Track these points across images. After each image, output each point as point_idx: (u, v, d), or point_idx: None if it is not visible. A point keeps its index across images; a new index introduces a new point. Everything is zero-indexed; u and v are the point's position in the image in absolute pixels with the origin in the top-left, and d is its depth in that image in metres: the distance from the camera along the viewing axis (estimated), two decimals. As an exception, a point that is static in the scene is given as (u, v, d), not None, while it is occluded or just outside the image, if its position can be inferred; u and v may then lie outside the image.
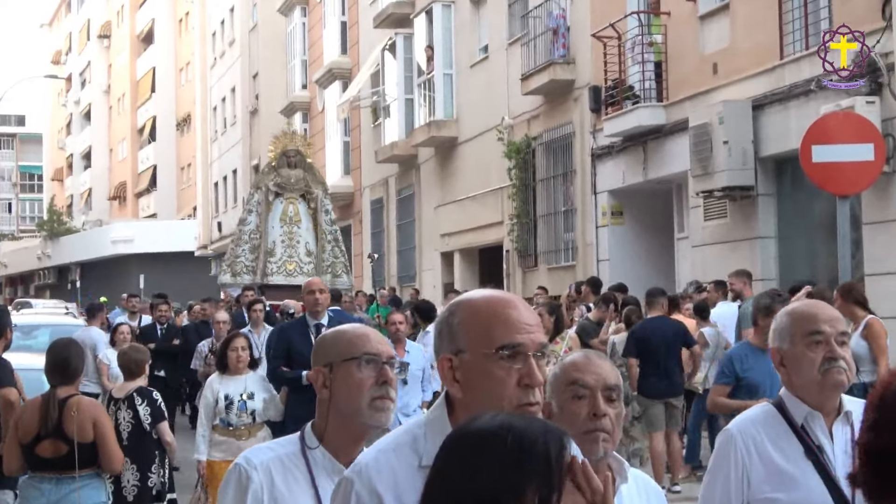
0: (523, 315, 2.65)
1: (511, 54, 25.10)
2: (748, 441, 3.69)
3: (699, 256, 18.42)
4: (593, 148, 21.77)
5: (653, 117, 19.41)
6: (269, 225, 19.41)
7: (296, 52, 41.83)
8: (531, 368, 2.60)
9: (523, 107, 24.43)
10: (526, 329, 2.63)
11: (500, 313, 2.64)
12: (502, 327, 2.61)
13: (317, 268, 19.31)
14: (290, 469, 3.29)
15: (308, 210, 19.74)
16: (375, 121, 33.65)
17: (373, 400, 3.29)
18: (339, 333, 3.42)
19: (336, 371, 3.32)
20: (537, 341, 2.63)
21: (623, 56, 20.16)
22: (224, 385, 9.47)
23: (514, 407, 2.56)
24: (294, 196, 19.53)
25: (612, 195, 21.46)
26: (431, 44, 28.81)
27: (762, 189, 16.94)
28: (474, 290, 2.81)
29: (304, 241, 19.48)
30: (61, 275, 77.43)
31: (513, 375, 2.59)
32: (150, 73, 74.21)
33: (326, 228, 19.79)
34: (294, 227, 19.49)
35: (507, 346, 2.59)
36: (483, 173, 26.49)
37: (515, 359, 2.59)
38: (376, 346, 3.34)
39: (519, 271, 24.92)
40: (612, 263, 21.21)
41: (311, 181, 19.92)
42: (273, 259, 19.30)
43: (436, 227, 29.55)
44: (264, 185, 19.69)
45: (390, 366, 3.33)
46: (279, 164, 19.78)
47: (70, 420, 7.12)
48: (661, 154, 19.54)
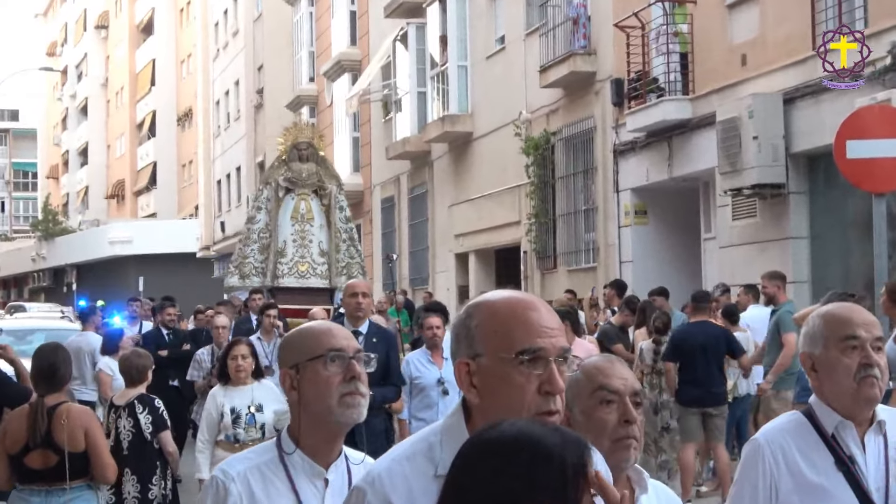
0: (544, 318, 2.65)
1: (529, 45, 25.11)
2: (776, 451, 3.68)
3: (727, 258, 18.41)
4: (615, 144, 21.77)
5: (678, 111, 19.40)
6: (279, 223, 19.03)
7: (303, 42, 41.88)
8: (552, 374, 2.60)
9: (542, 100, 24.43)
10: (547, 332, 2.63)
11: (520, 315, 2.64)
12: (522, 330, 2.62)
13: (331, 269, 19.03)
14: (268, 477, 3.34)
15: (321, 207, 19.22)
16: (386, 115, 33.68)
17: (342, 397, 3.33)
18: (302, 332, 3.47)
19: (302, 371, 3.37)
20: (559, 346, 2.63)
21: (647, 47, 20.16)
22: (229, 397, 9.07)
23: (533, 414, 2.56)
24: (306, 192, 19.07)
25: (636, 193, 21.46)
26: (445, 34, 28.82)
27: (794, 187, 16.93)
28: (493, 291, 2.82)
29: (317, 241, 19.05)
30: (57, 277, 77.61)
31: (532, 381, 2.59)
32: (149, 65, 74.36)
33: (341, 226, 19.33)
34: (306, 225, 19.01)
35: (527, 351, 2.60)
36: (499, 170, 26.50)
37: (535, 364, 2.60)
38: (341, 341, 3.38)
39: (537, 273, 24.92)
40: (635, 265, 21.20)
41: (325, 175, 19.45)
42: (284, 260, 18.88)
43: (450, 227, 29.57)
44: (274, 180, 19.24)
45: (357, 360, 3.37)
46: (290, 158, 19.34)
47: (60, 429, 7.10)
48: (686, 150, 19.53)
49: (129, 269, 61.74)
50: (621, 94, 21.19)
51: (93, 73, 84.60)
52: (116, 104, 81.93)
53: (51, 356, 7.33)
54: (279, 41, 44.81)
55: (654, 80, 20.04)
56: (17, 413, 7.32)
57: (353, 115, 36.09)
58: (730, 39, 18.39)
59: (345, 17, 37.61)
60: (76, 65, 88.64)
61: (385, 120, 33.86)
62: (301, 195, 19.15)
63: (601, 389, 3.25)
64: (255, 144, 47.54)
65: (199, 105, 59.45)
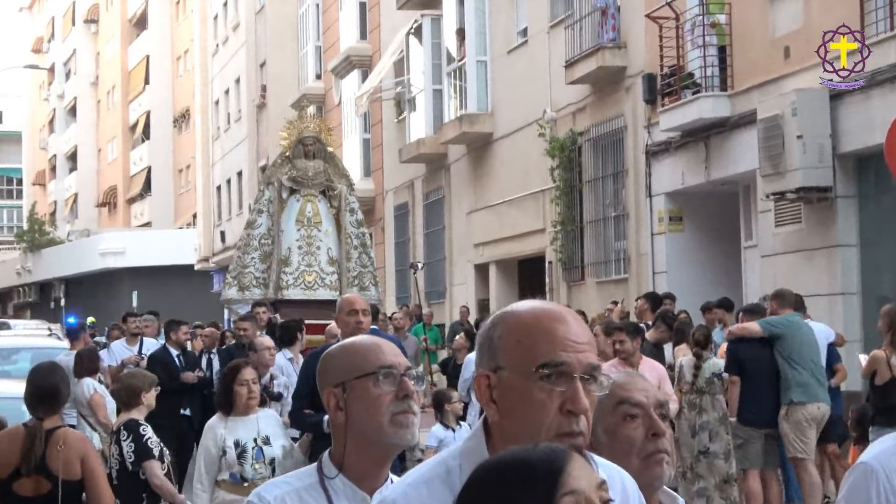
0: (572, 330, 2.65)
1: (553, 38, 25.13)
2: (892, 475, 3.60)
3: (770, 268, 18.38)
4: (648, 144, 21.77)
5: (716, 109, 19.39)
6: (283, 228, 18.39)
7: (308, 37, 41.98)
8: (576, 392, 2.60)
9: (568, 98, 24.45)
10: (573, 346, 2.63)
11: (545, 326, 2.65)
12: (546, 343, 2.63)
13: (341, 279, 18.38)
14: (307, 502, 3.34)
15: (330, 209, 18.55)
16: (399, 115, 33.72)
17: (394, 416, 3.34)
18: (347, 349, 3.48)
19: (350, 390, 3.37)
20: (586, 361, 2.63)
21: (681, 39, 20.16)
22: (231, 429, 8.60)
23: (553, 436, 2.57)
24: (313, 192, 18.41)
25: (670, 198, 21.45)
26: (463, 27, 28.86)
27: (841, 190, 16.90)
28: (522, 301, 2.83)
29: (325, 247, 18.39)
30: (43, 292, 77.84)
31: (554, 399, 2.60)
32: (143, 62, 74.59)
33: (352, 231, 18.68)
34: (313, 229, 18.36)
35: (548, 365, 2.60)
36: (522, 174, 26.51)
37: (558, 380, 2.60)
38: (391, 357, 3.39)
39: (563, 286, 24.91)
40: (669, 276, 21.18)
41: (334, 174, 18.75)
42: (288, 269, 18.22)
43: (468, 235, 29.58)
44: (276, 179, 18.55)
45: (409, 377, 3.38)
46: (294, 155, 18.61)
47: (55, 455, 7.08)
48: (725, 151, 19.52)
49: (122, 283, 61.89)
50: (654, 90, 21.19)
51: (82, 71, 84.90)
52: (107, 104, 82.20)
53: (50, 376, 7.35)
54: (283, 35, 44.92)
55: (689, 74, 20.04)
56: (8, 435, 7.31)
57: (364, 115, 36.15)
58: (771, 30, 18.37)
59: (354, 8, 37.69)
60: (64, 62, 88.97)
61: (398, 120, 33.91)
62: (307, 196, 18.52)
63: (623, 404, 3.27)
64: (257, 147, 47.64)
65: (196, 105, 59.59)
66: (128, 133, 78.61)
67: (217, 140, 54.51)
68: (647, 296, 17.67)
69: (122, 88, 78.76)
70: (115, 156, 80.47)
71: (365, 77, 35.21)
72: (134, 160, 77.29)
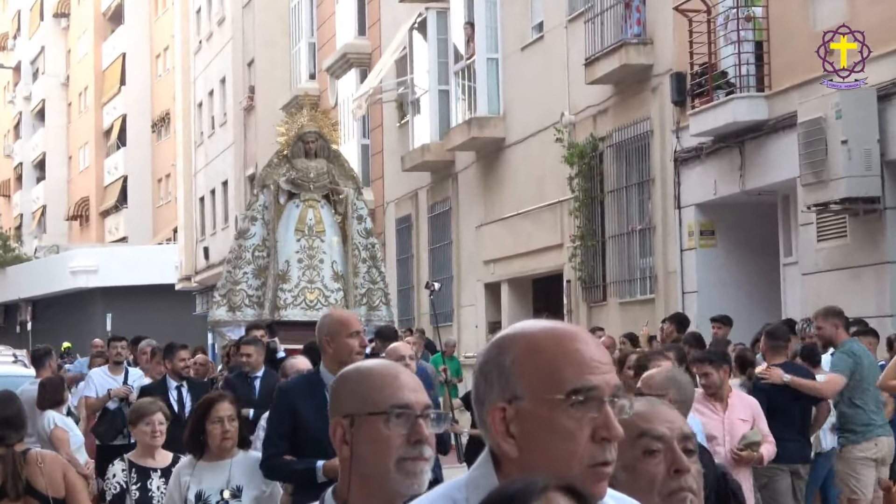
0: (594, 351, 2.68)
1: (572, 33, 25.17)
2: None
3: (812, 286, 18.38)
4: (676, 150, 21.80)
5: (752, 111, 19.41)
6: (280, 238, 17.69)
7: (301, 33, 42.05)
8: (608, 417, 2.63)
9: (588, 99, 24.48)
10: (599, 368, 2.66)
11: (567, 349, 2.67)
12: (572, 367, 2.64)
13: (347, 297, 17.77)
14: None
15: (334, 216, 17.87)
16: (402, 119, 33.77)
17: (402, 461, 3.33)
18: (363, 375, 3.46)
19: (358, 425, 3.36)
20: (613, 383, 2.67)
21: (713, 34, 20.18)
22: (198, 476, 7.97)
23: (586, 467, 2.59)
24: (315, 196, 17.74)
25: (701, 210, 21.46)
26: (472, 21, 28.91)
27: (891, 201, 16.91)
28: (527, 321, 2.83)
29: (329, 260, 17.72)
30: (8, 314, 77.84)
31: (586, 427, 2.63)
32: (118, 60, 74.72)
33: (360, 241, 18.08)
34: (315, 239, 17.66)
35: (580, 391, 2.62)
36: (537, 184, 26.54)
37: (589, 406, 2.63)
38: (408, 394, 3.36)
39: (583, 307, 24.92)
40: (700, 296, 21.18)
41: (339, 175, 18.06)
42: (287, 286, 17.51)
43: (478, 251, 29.60)
44: (273, 181, 17.81)
45: (425, 418, 3.35)
46: (293, 153, 17.93)
47: (37, 474, 7.46)
48: (762, 157, 19.54)
49: (95, 305, 61.91)
50: (683, 90, 21.21)
51: (51, 70, 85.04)
52: (79, 107, 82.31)
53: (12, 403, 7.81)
54: (273, 31, 45.00)
55: (722, 73, 20.06)
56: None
57: (363, 119, 36.18)
58: (813, 24, 18.39)
59: (351, 1, 37.77)
60: (31, 60, 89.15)
61: (400, 124, 33.95)
62: (308, 201, 17.81)
63: (644, 437, 3.28)
64: (244, 154, 47.69)
65: (177, 108, 59.69)
66: (101, 139, 78.71)
67: (200, 146, 54.57)
68: (674, 318, 17.64)
69: (96, 89, 78.86)
70: (88, 164, 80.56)
71: (364, 77, 35.26)
72: (108, 169, 77.37)
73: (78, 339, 42.02)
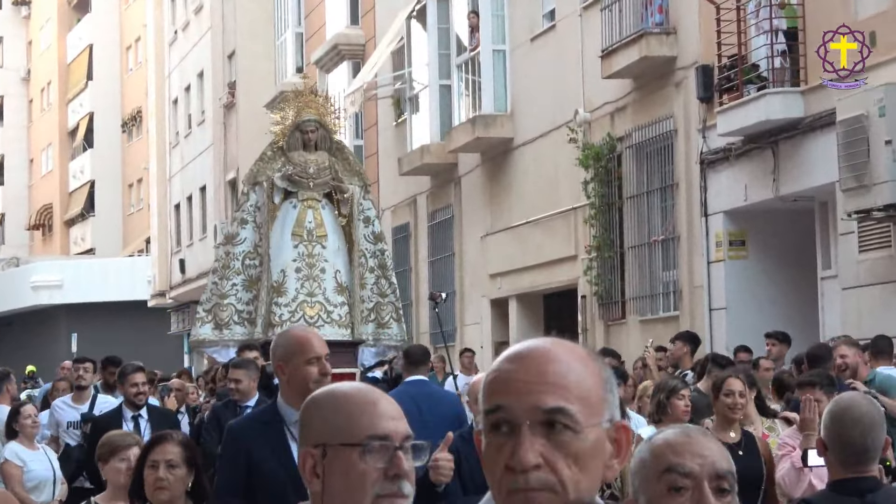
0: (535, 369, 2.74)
1: (587, 22, 25.20)
2: None
3: (852, 302, 18.39)
4: (703, 152, 21.81)
5: (786, 108, 19.43)
6: (274, 243, 16.96)
7: (288, 21, 42.09)
8: (519, 444, 2.71)
9: (605, 95, 24.51)
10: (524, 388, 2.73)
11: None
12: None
13: (353, 312, 17.04)
14: None
15: (337, 218, 17.13)
16: (399, 117, 33.81)
17: (377, 499, 3.31)
18: (338, 400, 3.43)
19: (331, 456, 3.34)
20: (536, 405, 2.74)
21: (744, 23, 20.21)
22: None
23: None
24: (315, 195, 16.95)
25: (730, 218, 21.47)
26: (476, 8, 28.96)
27: (940, 207, 16.94)
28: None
29: (331, 270, 16.93)
30: (-37, 334, 77.90)
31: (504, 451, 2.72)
32: (84, 53, 74.76)
33: (367, 248, 17.36)
34: (315, 245, 16.86)
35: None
36: (549, 189, 26.56)
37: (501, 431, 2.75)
38: (387, 423, 3.34)
39: (600, 325, 24.92)
40: (729, 313, 21.19)
41: (343, 171, 17.31)
42: (283, 300, 16.76)
43: (483, 264, 29.61)
44: (266, 177, 17.03)
45: (405, 451, 3.33)
46: (290, 145, 17.16)
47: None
48: (797, 159, 19.56)
49: (59, 323, 61.86)
50: (710, 85, 21.23)
51: (10, 63, 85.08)
52: (41, 105, 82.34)
53: None
54: (256, 20, 45.03)
55: (753, 66, 20.08)
56: None
57: (355, 117, 36.22)
58: (854, 12, 18.41)
59: (343, -13, 37.85)
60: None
61: (397, 123, 33.98)
62: (307, 201, 17.03)
63: (671, 472, 3.26)
64: (224, 156, 47.72)
65: (150, 105, 59.73)
66: (66, 139, 78.71)
67: (175, 147, 54.60)
68: (684, 337, 17.57)
69: (60, 85, 78.89)
70: (51, 167, 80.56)
71: (357, 71, 35.30)
72: (73, 173, 77.36)
73: (40, 362, 41.99)
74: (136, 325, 56.59)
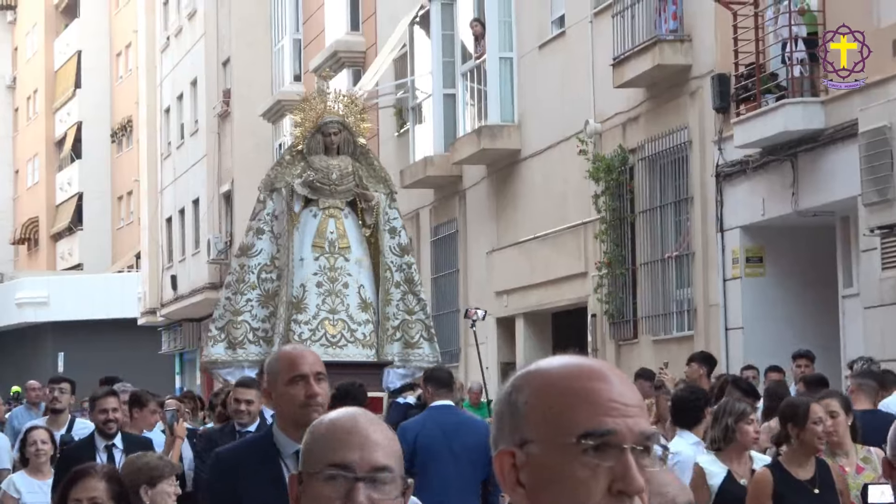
0: (617, 391, 2.70)
1: (598, 29, 25.23)
2: None
3: (875, 321, 18.39)
4: (719, 164, 21.82)
5: (806, 119, 19.43)
6: (294, 255, 16.53)
7: (285, 27, 42.12)
8: (627, 467, 2.66)
9: (616, 105, 24.53)
10: (619, 410, 2.68)
11: (583, 387, 2.69)
12: (586, 407, 2.67)
13: (378, 331, 16.65)
14: None
15: (361, 228, 16.78)
16: (401, 127, 33.83)
17: None
18: (316, 427, 3.48)
19: (305, 485, 3.39)
20: (637, 429, 2.68)
21: (761, 30, 20.23)
22: None
23: None
24: (337, 204, 16.58)
25: (748, 233, 21.48)
26: (482, 16, 28.97)
27: (967, 223, 16.96)
28: (549, 358, 2.85)
29: (355, 284, 16.53)
30: (-56, 353, 77.90)
31: (602, 478, 2.65)
32: (73, 59, 74.78)
33: (392, 261, 16.94)
34: (338, 258, 16.46)
35: (592, 434, 2.65)
36: (558, 202, 26.57)
37: (605, 453, 2.66)
38: (352, 452, 3.34)
39: (611, 345, 24.92)
40: (746, 333, 21.18)
41: (368, 177, 16.90)
42: (302, 317, 16.32)
43: (489, 281, 29.61)
44: (285, 184, 16.62)
45: (368, 483, 3.32)
46: (311, 149, 16.77)
47: None
48: (818, 173, 19.57)
49: (45, 342, 61.86)
50: (726, 95, 21.25)
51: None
52: (27, 114, 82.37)
53: None
54: (253, 26, 45.05)
55: (771, 75, 20.10)
56: None
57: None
58: (876, 19, 18.44)
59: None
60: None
61: (399, 133, 34.00)
62: (329, 209, 16.64)
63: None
64: (218, 168, 47.71)
65: (141, 115, 59.72)
66: (53, 150, 78.72)
67: (167, 159, 54.60)
68: (699, 358, 17.57)
69: (47, 93, 78.92)
70: (37, 179, 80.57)
71: (357, 79, 35.32)
72: (61, 184, 77.36)
73: (26, 382, 42.01)
74: (125, 344, 56.47)
